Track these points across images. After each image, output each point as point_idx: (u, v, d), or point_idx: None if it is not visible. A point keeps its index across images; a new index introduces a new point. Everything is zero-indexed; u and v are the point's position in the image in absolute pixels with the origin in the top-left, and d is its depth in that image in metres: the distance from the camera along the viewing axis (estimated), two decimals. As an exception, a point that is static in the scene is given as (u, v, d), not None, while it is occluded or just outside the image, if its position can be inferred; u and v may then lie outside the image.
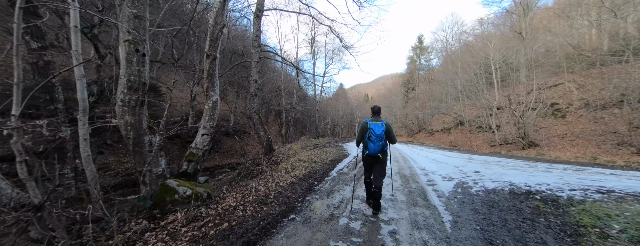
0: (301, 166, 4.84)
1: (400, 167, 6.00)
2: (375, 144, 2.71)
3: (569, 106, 14.08)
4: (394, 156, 8.77)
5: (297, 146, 8.89)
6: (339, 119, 38.90)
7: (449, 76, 23.06)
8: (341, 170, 5.25)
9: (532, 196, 3.58)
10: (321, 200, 2.96)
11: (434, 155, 9.68)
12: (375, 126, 2.72)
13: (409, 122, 33.99)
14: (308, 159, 5.81)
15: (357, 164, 6.07)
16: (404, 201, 3.18)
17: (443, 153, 10.70)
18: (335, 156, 7.15)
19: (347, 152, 8.82)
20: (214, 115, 3.56)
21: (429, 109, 28.79)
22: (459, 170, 5.75)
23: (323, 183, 3.80)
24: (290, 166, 4.86)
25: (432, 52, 32.87)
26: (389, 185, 4.01)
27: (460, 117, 23.44)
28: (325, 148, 9.41)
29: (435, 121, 30.36)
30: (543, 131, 13.35)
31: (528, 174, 5.72)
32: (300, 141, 12.97)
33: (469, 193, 3.57)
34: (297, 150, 7.97)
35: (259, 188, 3.30)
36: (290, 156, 6.84)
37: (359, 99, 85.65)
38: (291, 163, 5.18)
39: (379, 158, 2.77)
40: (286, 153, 7.51)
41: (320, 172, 4.57)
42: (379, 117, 2.92)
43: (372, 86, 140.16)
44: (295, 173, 4.19)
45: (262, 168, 5.25)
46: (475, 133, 20.18)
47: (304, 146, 9.43)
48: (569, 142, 11.58)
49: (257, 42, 6.68)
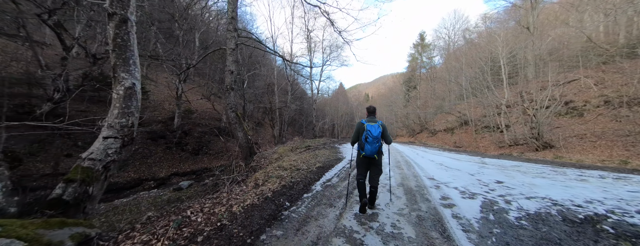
0: (277, 176, 3.75)
1: (404, 176, 4.89)
2: (372, 146, 2.62)
3: (586, 104, 12.93)
4: (395, 159, 7.67)
5: (286, 149, 7.83)
6: (338, 119, 37.81)
7: (452, 73, 21.92)
8: (329, 181, 4.15)
9: (598, 226, 2.47)
10: (284, 240, 1.88)
11: (441, 158, 8.56)
12: (372, 127, 2.63)
13: (410, 121, 32.83)
14: (290, 166, 4.74)
15: (351, 172, 4.98)
16: (412, 239, 2.07)
17: (450, 156, 9.58)
18: (326, 160, 6.05)
19: (341, 155, 7.75)
20: (130, 108, 2.46)
21: (431, 108, 27.64)
22: (477, 180, 4.63)
23: (298, 203, 2.72)
24: (264, 176, 3.78)
25: (434, 49, 31.72)
26: (388, 205, 2.90)
27: (464, 116, 22.29)
28: (317, 150, 8.33)
29: (437, 121, 29.21)
30: (558, 131, 12.20)
31: (562, 185, 4.61)
32: (292, 142, 11.88)
33: (506, 221, 2.46)
34: (283, 153, 6.89)
35: (194, 218, 2.20)
36: (272, 161, 5.78)
37: (359, 98, 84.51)
38: (267, 172, 4.10)
39: (375, 158, 2.72)
40: (269, 157, 6.44)
41: (299, 185, 3.49)
42: (374, 117, 2.85)
43: (372, 86, 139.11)
44: (265, 188, 3.11)
45: (232, 178, 4.17)
46: (481, 133, 19.04)
47: (294, 148, 8.37)
48: (590, 143, 10.43)
49: (233, 25, 5.59)
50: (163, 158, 12.94)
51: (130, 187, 10.23)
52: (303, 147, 9.14)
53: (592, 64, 13.82)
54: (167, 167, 12.62)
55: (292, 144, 9.82)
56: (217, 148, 16.43)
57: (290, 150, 7.73)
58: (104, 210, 7.44)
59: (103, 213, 7.11)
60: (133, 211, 7.28)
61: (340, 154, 7.83)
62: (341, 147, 10.80)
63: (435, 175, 4.95)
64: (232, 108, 5.88)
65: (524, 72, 16.85)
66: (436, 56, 31.04)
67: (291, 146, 9.15)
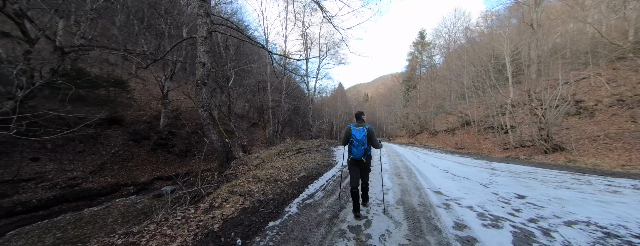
0: (244, 192, 2.89)
1: (405, 188, 4.08)
2: (357, 149, 2.74)
3: (597, 104, 12.16)
4: (393, 165, 6.86)
5: (272, 152, 7.00)
6: (336, 119, 36.98)
7: (454, 72, 21.14)
8: (311, 197, 3.32)
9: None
10: None
11: (445, 163, 7.76)
12: (357, 131, 2.77)
13: (409, 122, 32.05)
14: (267, 176, 3.91)
15: (342, 181, 4.18)
16: None
17: (453, 160, 8.78)
18: (314, 167, 5.22)
19: (334, 160, 6.95)
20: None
21: (431, 108, 26.86)
22: (493, 194, 3.83)
23: (254, 241, 1.88)
24: (225, 193, 2.90)
25: (434, 48, 30.94)
26: (384, 238, 2.09)
27: (466, 116, 21.53)
28: (308, 154, 7.51)
29: (438, 121, 28.45)
30: (568, 132, 11.43)
31: (595, 199, 3.84)
32: (284, 144, 11.06)
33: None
34: (267, 158, 6.07)
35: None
36: (251, 169, 4.96)
37: (359, 98, 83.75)
38: (235, 185, 3.25)
39: (362, 161, 2.78)
40: (250, 163, 5.61)
41: (270, 205, 2.66)
42: (362, 122, 2.97)
43: (372, 86, 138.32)
44: (218, 213, 2.26)
45: (193, 192, 3.34)
46: (484, 133, 18.27)
47: (283, 151, 7.56)
48: (605, 146, 9.65)
49: (204, 8, 4.75)
50: (146, 161, 12.09)
51: (106, 193, 9.39)
52: (293, 150, 8.33)
53: (603, 62, 13.03)
54: (150, 171, 11.78)
55: (281, 147, 9.00)
56: (209, 149, 15.60)
57: (277, 154, 6.91)
58: (66, 222, 6.61)
59: (63, 226, 6.28)
60: (97, 224, 6.44)
61: (333, 159, 7.01)
62: (336, 150, 9.98)
63: (442, 187, 4.13)
64: (205, 106, 5.06)
65: (529, 71, 16.08)
66: (437, 54, 30.29)
67: (280, 148, 8.33)
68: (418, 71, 31.74)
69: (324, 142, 15.26)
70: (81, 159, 9.98)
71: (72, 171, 9.19)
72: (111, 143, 11.46)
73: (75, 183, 8.92)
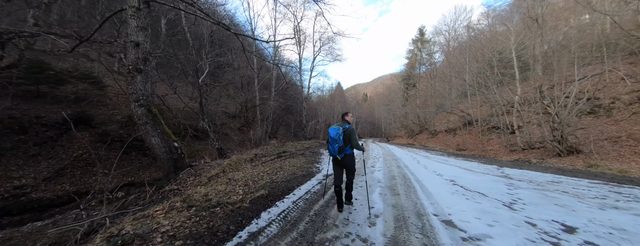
0: (134, 238, 1.71)
1: (400, 213, 2.92)
2: (332, 146, 2.84)
3: (614, 101, 11.06)
4: (390, 172, 5.72)
5: (244, 157, 5.82)
6: (333, 119, 35.81)
7: (455, 68, 20.04)
8: (254, 238, 2.17)
9: None
10: None
11: (450, 169, 6.62)
12: (333, 129, 2.89)
13: (409, 121, 30.94)
14: (206, 198, 2.72)
15: (325, 193, 3.16)
16: None
17: (458, 164, 7.63)
18: (285, 179, 4.03)
19: (318, 167, 5.79)
20: None
21: (431, 106, 25.76)
22: (527, 223, 2.69)
23: None
24: (120, 231, 1.78)
25: (434, 45, 29.82)
26: None
27: (468, 116, 20.44)
28: (289, 159, 6.37)
29: (438, 121, 27.36)
30: (584, 132, 10.33)
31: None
32: (267, 146, 9.91)
33: None
34: (232, 165, 4.91)
35: None
36: (201, 182, 3.81)
37: (358, 98, 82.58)
38: (139, 219, 2.08)
39: (338, 159, 2.84)
40: (205, 174, 4.45)
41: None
42: (345, 122, 3.04)
43: (371, 86, 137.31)
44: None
45: (92, 223, 2.17)
46: (488, 134, 17.17)
47: (259, 156, 6.41)
48: (629, 148, 8.55)
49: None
50: (116, 166, 10.87)
51: (61, 204, 8.18)
52: (274, 154, 7.17)
53: (619, 55, 11.91)
54: (120, 176, 10.54)
55: (261, 150, 7.83)
56: (193, 150, 14.41)
57: (250, 159, 5.76)
58: (-13, 244, 5.41)
59: (-21, 250, 5.08)
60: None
61: (317, 166, 5.86)
62: (326, 153, 8.83)
63: (453, 212, 2.98)
64: (141, 101, 3.91)
65: (535, 67, 14.99)
66: (437, 51, 29.18)
67: (257, 152, 7.16)
68: (418, 70, 30.61)
69: (315, 143, 14.10)
70: (34, 165, 8.76)
71: (21, 179, 8.00)
72: (75, 145, 10.24)
73: (23, 192, 7.73)
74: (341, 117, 3.14)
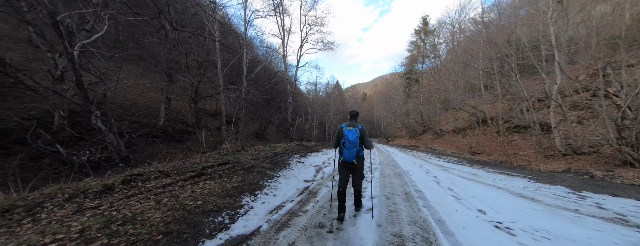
0: None
1: None
2: (349, 151, 2.58)
3: (695, 90, 8.16)
4: (393, 208, 2.87)
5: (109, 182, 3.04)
6: (329, 119, 32.90)
7: (467, 56, 17.11)
8: None
9: None
10: None
11: (477, 188, 3.80)
12: (349, 132, 2.60)
13: (410, 120, 28.03)
14: None
15: None
16: None
17: (500, 182, 4.74)
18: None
19: (252, 202, 2.97)
20: None
21: (437, 102, 22.82)
22: None
23: None
24: None
25: (439, 35, 26.87)
26: None
27: (481, 113, 17.54)
28: (208, 182, 3.55)
29: (444, 120, 24.46)
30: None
31: None
32: (217, 152, 7.06)
33: None
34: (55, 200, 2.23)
35: None
36: None
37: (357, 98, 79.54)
38: None
39: (354, 164, 2.63)
40: None
41: None
42: (355, 121, 2.81)
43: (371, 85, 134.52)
44: None
45: None
46: (508, 134, 14.24)
47: (153, 175, 3.60)
48: None
49: None
50: (10, 176, 8.05)
51: None
52: (197, 169, 4.32)
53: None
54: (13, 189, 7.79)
55: (181, 163, 4.95)
56: (150, 151, 11.49)
57: (122, 181, 2.99)
58: None
59: None
60: None
61: (251, 200, 3.02)
62: (298, 167, 5.83)
63: None
64: None
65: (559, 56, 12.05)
66: (441, 42, 26.24)
67: (175, 165, 4.33)
68: (420, 66, 27.66)
69: (295, 147, 11.21)
70: None
71: None
72: None
73: None
74: (352, 117, 2.86)
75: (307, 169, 5.38)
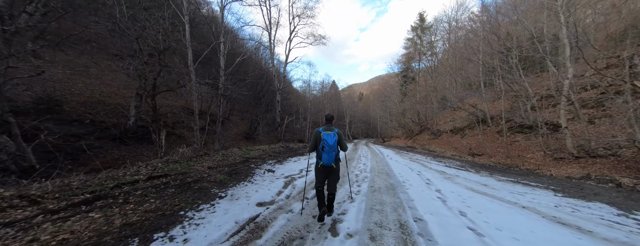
0: None
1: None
2: (328, 155, 2.59)
3: None
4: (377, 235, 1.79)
5: None
6: (323, 119, 31.73)
7: (466, 53, 16.16)
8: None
9: None
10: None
11: (498, 210, 2.76)
12: (328, 136, 2.62)
13: (407, 120, 27.07)
14: None
15: None
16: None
17: (506, 190, 3.69)
18: None
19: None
20: None
21: (434, 101, 21.87)
22: None
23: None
24: None
25: (436, 32, 25.97)
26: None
27: (480, 112, 16.62)
28: (88, 214, 2.40)
29: (441, 119, 23.56)
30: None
31: None
32: (171, 157, 5.93)
33: None
34: None
35: None
36: None
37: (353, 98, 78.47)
38: None
39: (333, 167, 2.65)
40: None
41: None
42: (331, 125, 2.80)
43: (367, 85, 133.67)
44: None
45: None
46: (511, 135, 13.30)
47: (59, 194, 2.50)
48: None
49: None
50: None
51: None
52: (111, 186, 3.18)
53: None
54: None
55: (110, 172, 3.79)
56: (115, 155, 10.19)
57: None
58: None
59: None
60: None
61: None
62: (263, 181, 4.58)
63: None
64: None
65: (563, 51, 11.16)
66: (439, 39, 25.32)
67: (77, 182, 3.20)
68: (417, 64, 26.71)
69: (278, 150, 10.06)
70: None
71: None
72: None
73: None
74: (327, 121, 2.82)
75: (273, 183, 4.22)
